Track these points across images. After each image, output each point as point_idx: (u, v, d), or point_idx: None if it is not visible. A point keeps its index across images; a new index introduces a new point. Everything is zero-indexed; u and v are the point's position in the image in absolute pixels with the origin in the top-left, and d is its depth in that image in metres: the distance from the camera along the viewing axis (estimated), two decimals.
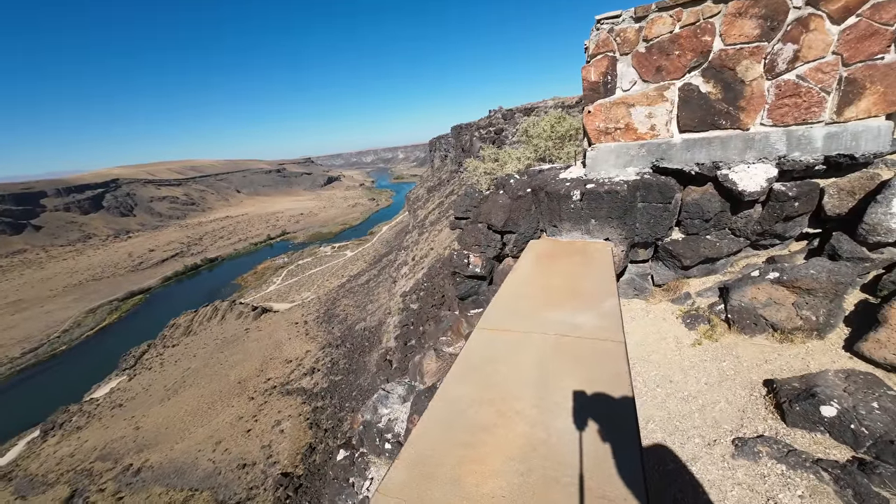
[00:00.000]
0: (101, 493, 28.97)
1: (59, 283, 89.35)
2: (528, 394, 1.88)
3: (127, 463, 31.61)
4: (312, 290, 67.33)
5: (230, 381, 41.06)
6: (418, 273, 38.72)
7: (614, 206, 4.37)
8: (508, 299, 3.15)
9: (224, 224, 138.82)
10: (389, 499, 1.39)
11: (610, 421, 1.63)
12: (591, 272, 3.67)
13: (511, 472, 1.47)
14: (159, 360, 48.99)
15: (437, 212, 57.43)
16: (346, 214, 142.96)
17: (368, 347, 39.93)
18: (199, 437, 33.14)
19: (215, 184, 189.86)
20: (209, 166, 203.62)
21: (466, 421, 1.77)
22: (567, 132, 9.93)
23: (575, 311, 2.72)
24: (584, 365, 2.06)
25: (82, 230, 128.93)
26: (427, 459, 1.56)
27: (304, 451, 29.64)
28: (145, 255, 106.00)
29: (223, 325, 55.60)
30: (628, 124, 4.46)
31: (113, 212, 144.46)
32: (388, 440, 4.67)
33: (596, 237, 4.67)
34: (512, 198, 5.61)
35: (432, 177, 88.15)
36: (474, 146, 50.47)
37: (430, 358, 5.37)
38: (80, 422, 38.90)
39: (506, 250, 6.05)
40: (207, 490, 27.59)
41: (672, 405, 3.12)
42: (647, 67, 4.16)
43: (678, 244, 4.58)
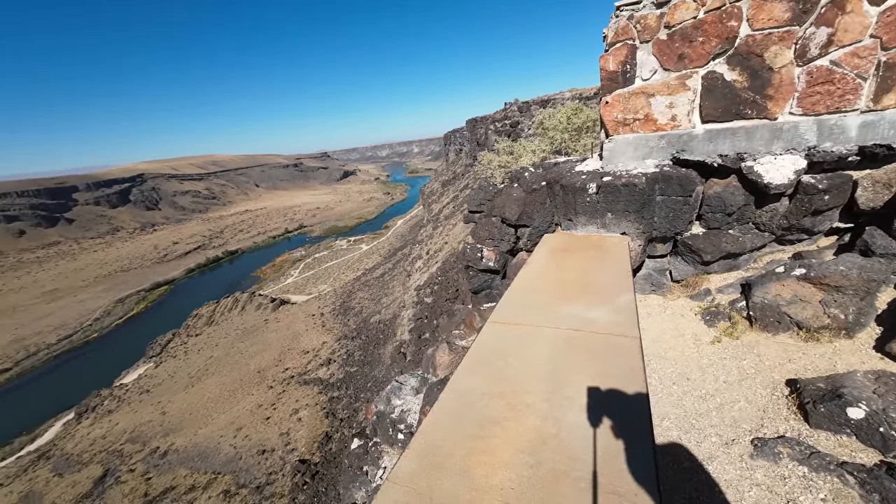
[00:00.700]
0: (130, 474, 30.51)
1: (91, 274, 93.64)
2: (538, 388, 1.88)
3: (154, 446, 33.14)
4: (329, 283, 68.51)
5: (250, 370, 42.36)
6: (432, 267, 38.86)
7: (632, 199, 4.27)
8: (521, 293, 3.13)
9: (244, 217, 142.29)
10: (399, 487, 1.41)
11: (623, 417, 1.60)
12: (606, 267, 3.60)
13: (520, 464, 1.47)
14: (183, 349, 50.92)
15: (451, 206, 57.34)
16: (362, 208, 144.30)
17: (383, 340, 40.47)
18: (221, 423, 34.41)
19: (235, 178, 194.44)
20: (229, 161, 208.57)
21: (476, 413, 1.78)
22: (584, 124, 9.72)
23: (589, 306, 2.68)
24: (596, 360, 2.04)
25: (111, 223, 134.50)
26: (437, 450, 1.58)
27: (320, 439, 30.42)
28: (170, 248, 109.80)
29: (243, 315, 57.27)
30: (648, 115, 4.33)
31: (139, 205, 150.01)
32: (400, 430, 4.74)
33: (612, 231, 4.58)
34: (526, 191, 5.54)
35: (447, 171, 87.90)
36: (489, 139, 49.97)
37: (443, 351, 5.40)
38: (111, 405, 40.93)
39: (519, 244, 6.00)
40: (229, 474, 28.69)
41: (689, 403, 3.06)
42: (668, 55, 4.02)
43: (698, 239, 4.45)
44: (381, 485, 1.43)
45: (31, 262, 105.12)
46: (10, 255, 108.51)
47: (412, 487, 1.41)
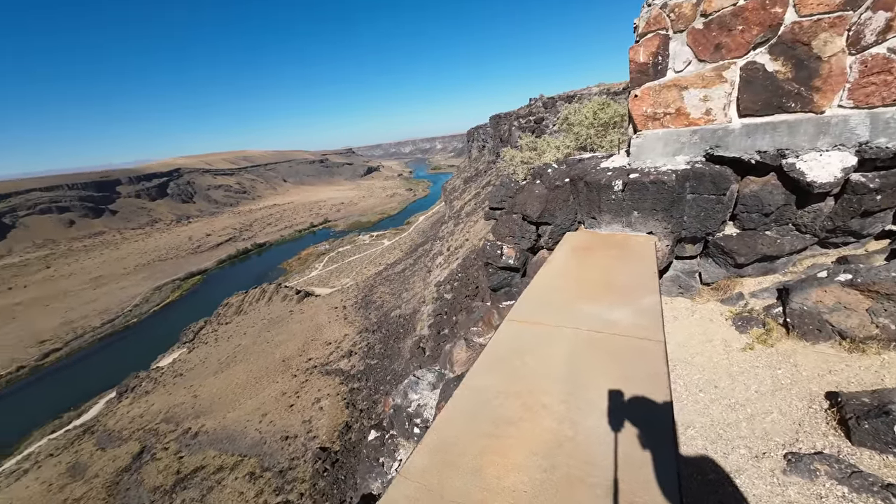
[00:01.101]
0: (165, 451, 32.38)
1: (132, 263, 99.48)
2: (556, 389, 1.83)
3: (186, 426, 35.01)
4: (351, 277, 69.89)
5: (275, 358, 43.92)
6: (453, 263, 38.90)
7: (660, 197, 4.09)
8: (541, 291, 3.07)
9: (272, 211, 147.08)
10: (410, 483, 1.41)
11: (644, 423, 1.54)
12: (630, 267, 3.48)
13: (534, 467, 1.44)
14: (214, 336, 53.38)
15: (473, 202, 57.09)
16: (385, 204, 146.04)
17: (403, 334, 40.95)
18: (248, 409, 35.91)
19: (264, 173, 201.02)
20: (259, 156, 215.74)
21: (491, 412, 1.75)
22: (611, 119, 9.40)
23: (611, 307, 2.60)
24: (618, 363, 1.97)
25: (150, 215, 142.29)
26: (450, 447, 1.57)
27: (340, 428, 31.23)
28: (203, 239, 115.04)
29: (270, 306, 59.36)
30: (679, 109, 4.13)
31: (176, 199, 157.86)
32: (416, 425, 4.78)
33: (638, 230, 4.41)
34: (549, 188, 5.43)
35: (469, 167, 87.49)
36: (513, 136, 49.29)
37: (461, 347, 5.39)
38: (147, 387, 43.50)
39: (540, 242, 5.90)
40: (255, 457, 29.96)
41: (716, 412, 2.91)
42: (704, 45, 3.81)
43: (732, 240, 4.22)
44: (393, 479, 1.43)
45: (80, 250, 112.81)
46: (61, 243, 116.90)
47: (423, 483, 1.41)
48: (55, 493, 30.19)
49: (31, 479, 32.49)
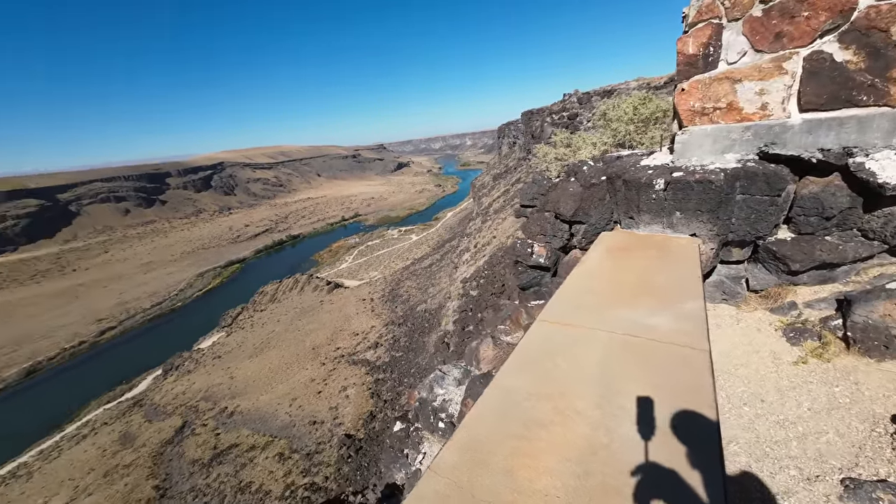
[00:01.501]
0: (203, 428, 34.58)
1: (178, 250, 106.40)
2: (589, 393, 1.77)
3: (223, 406, 37.18)
4: (379, 271, 71.27)
5: (306, 346, 45.66)
6: (479, 260, 38.70)
7: (706, 197, 3.86)
8: (573, 292, 2.98)
9: (306, 205, 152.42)
10: (440, 478, 1.42)
11: (687, 436, 1.46)
12: (670, 270, 3.30)
13: (567, 472, 1.40)
14: (250, 322, 56.21)
15: (501, 199, 56.42)
16: (413, 200, 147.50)
17: (428, 329, 41.33)
18: (279, 392, 37.62)
19: (300, 168, 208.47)
20: (295, 151, 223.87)
21: (521, 413, 1.72)
22: (652, 115, 8.95)
23: (649, 311, 2.48)
24: (656, 370, 1.87)
25: (195, 206, 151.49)
26: (479, 446, 1.56)
27: (365, 417, 32.07)
28: (242, 230, 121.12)
29: (301, 295, 61.70)
30: (731, 103, 3.86)
31: (218, 191, 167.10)
32: (441, 419, 4.82)
33: (680, 232, 4.19)
34: (584, 186, 5.26)
35: (499, 164, 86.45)
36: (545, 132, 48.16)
37: (488, 345, 5.36)
38: (189, 367, 46.53)
39: (573, 241, 5.74)
40: (284, 439, 31.39)
41: (762, 428, 2.73)
42: (762, 34, 3.53)
43: (786, 245, 3.91)
44: (423, 473, 1.44)
45: (133, 237, 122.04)
46: (117, 230, 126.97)
47: (453, 480, 1.41)
48: (108, 458, 33.05)
49: (88, 444, 35.73)
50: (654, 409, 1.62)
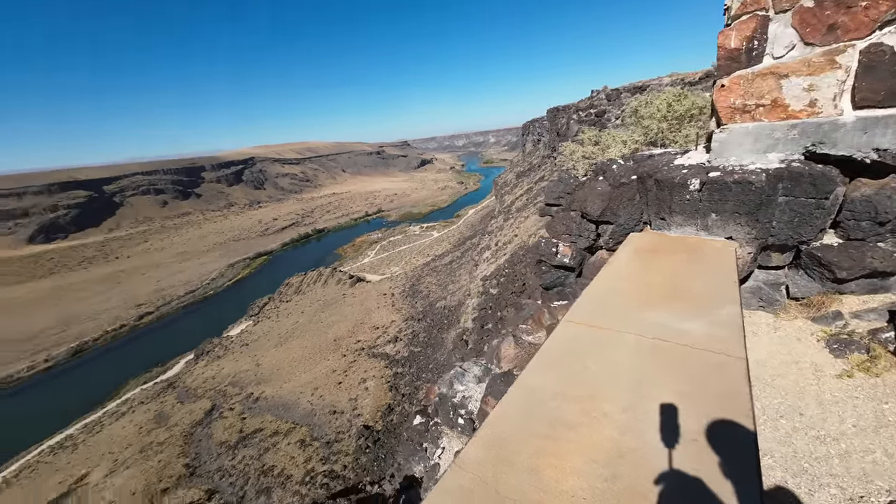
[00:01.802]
0: (231, 411, 36.17)
1: (211, 241, 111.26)
2: (618, 396, 1.74)
3: (249, 391, 38.74)
4: (400, 266, 72.03)
5: (328, 337, 46.82)
6: (500, 259, 38.42)
7: (745, 198, 3.68)
8: (601, 294, 2.92)
9: (331, 200, 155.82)
10: (465, 473, 1.43)
11: (721, 445, 1.41)
12: (704, 274, 3.18)
13: (594, 475, 1.38)
14: (276, 312, 58.16)
15: (524, 198, 55.69)
16: (436, 196, 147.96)
17: (447, 325, 41.49)
18: (302, 381, 38.81)
19: (326, 163, 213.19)
20: (322, 147, 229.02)
21: (547, 413, 1.72)
22: (687, 112, 8.56)
23: (681, 316, 2.40)
24: (688, 376, 1.82)
25: (227, 199, 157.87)
26: (504, 443, 1.56)
27: (383, 409, 32.62)
28: (270, 223, 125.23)
29: (325, 288, 63.24)
30: (776, 100, 3.66)
31: (249, 185, 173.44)
32: (461, 415, 4.85)
33: (715, 234, 4.02)
34: (613, 185, 5.13)
35: (522, 161, 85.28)
36: (571, 130, 47.04)
37: (509, 344, 5.34)
38: (219, 353, 48.69)
39: (600, 242, 5.62)
40: (306, 426, 32.38)
41: (800, 442, 2.59)
42: (813, 26, 3.32)
43: (832, 251, 3.69)
44: (448, 468, 1.46)
45: (170, 228, 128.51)
46: (156, 220, 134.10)
47: (478, 476, 1.42)
48: (144, 435, 35.15)
49: (126, 421, 38.12)
50: (686, 415, 1.58)
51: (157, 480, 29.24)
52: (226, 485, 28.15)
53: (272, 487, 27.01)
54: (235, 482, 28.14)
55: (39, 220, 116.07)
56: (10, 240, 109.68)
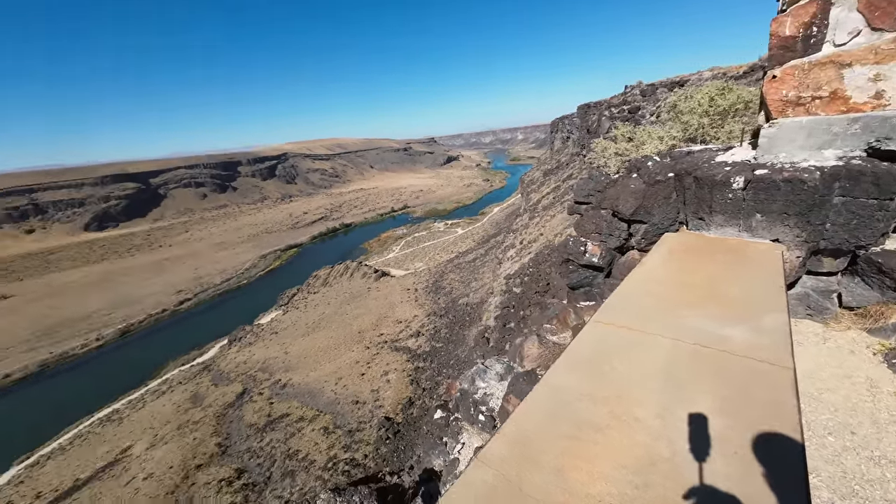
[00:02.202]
0: (260, 396, 37.83)
1: (245, 233, 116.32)
2: (650, 401, 1.66)
3: (277, 378, 40.34)
4: (424, 262, 72.57)
5: (352, 329, 47.95)
6: (524, 258, 37.91)
7: (795, 198, 3.42)
8: (632, 295, 2.81)
9: (358, 195, 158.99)
10: (488, 469, 1.41)
11: (765, 459, 1.31)
12: (746, 277, 2.99)
13: (623, 481, 1.33)
14: (304, 303, 60.13)
15: (551, 196, 54.59)
16: (461, 193, 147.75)
17: (468, 322, 41.46)
18: (327, 371, 39.99)
19: (354, 159, 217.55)
20: (351, 144, 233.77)
21: (573, 414, 1.66)
22: (732, 106, 8.08)
23: (721, 321, 2.26)
24: (728, 384, 1.71)
25: (261, 193, 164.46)
26: (529, 442, 1.53)
27: (404, 402, 33.08)
28: (300, 217, 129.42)
29: (351, 281, 64.72)
30: (836, 91, 3.37)
31: (281, 179, 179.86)
32: (482, 412, 4.83)
33: (759, 236, 3.77)
34: (648, 182, 4.92)
35: (550, 159, 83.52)
36: (602, 126, 45.53)
37: (533, 343, 5.26)
38: (250, 339, 50.95)
39: (631, 241, 5.42)
40: (329, 414, 33.39)
41: (850, 462, 2.40)
42: (884, 10, 3.03)
43: (895, 257, 3.37)
44: (471, 462, 1.45)
45: (209, 219, 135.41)
46: (196, 212, 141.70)
47: (501, 472, 1.40)
48: (181, 413, 37.41)
49: (166, 400, 40.69)
50: (724, 425, 1.48)
51: (192, 456, 31.09)
52: (254, 465, 29.54)
53: (296, 471, 28.08)
54: (262, 463, 29.46)
55: (94, 209, 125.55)
56: (69, 227, 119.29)
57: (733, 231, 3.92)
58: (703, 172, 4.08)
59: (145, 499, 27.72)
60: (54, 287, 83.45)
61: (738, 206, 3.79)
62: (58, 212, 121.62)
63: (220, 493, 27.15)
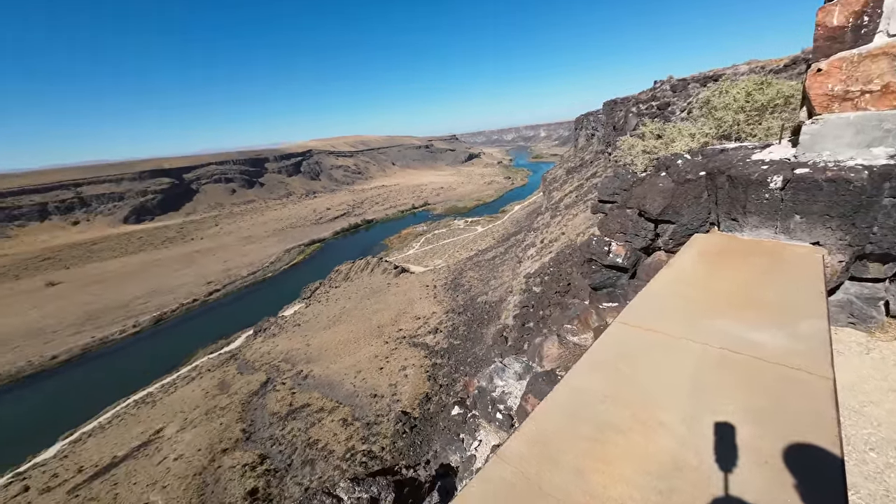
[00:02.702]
0: (283, 385, 39.07)
1: (271, 227, 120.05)
2: (676, 406, 1.61)
3: (299, 369, 41.54)
4: (443, 259, 72.77)
5: (372, 324, 48.72)
6: (545, 257, 37.38)
7: (840, 199, 3.23)
8: (658, 296, 2.73)
9: (380, 192, 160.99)
10: (507, 466, 1.41)
11: (800, 472, 1.25)
12: (783, 282, 2.85)
13: (647, 486, 1.30)
14: (325, 297, 61.56)
15: (574, 195, 53.50)
16: (482, 191, 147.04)
17: (487, 320, 41.33)
18: (346, 364, 40.85)
19: (377, 156, 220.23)
20: (374, 141, 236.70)
21: (594, 415, 1.64)
22: (771, 102, 7.68)
23: (753, 326, 2.17)
24: (761, 392, 1.64)
25: (286, 189, 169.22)
26: (548, 441, 1.52)
27: (421, 397, 33.40)
28: (323, 213, 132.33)
29: (371, 277, 65.72)
30: (888, 85, 3.15)
31: (306, 176, 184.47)
32: (500, 410, 4.82)
33: (798, 239, 3.58)
34: (677, 181, 4.76)
35: (574, 157, 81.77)
36: (629, 123, 44.14)
37: (553, 343, 5.19)
38: (274, 331, 52.64)
39: (658, 242, 5.26)
40: (348, 406, 34.13)
41: (894, 480, 2.25)
42: None
43: None
44: (490, 459, 1.45)
45: (237, 214, 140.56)
46: (226, 206, 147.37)
47: (521, 470, 1.39)
48: (209, 399, 39.15)
49: (195, 386, 42.66)
50: (756, 434, 1.42)
51: (219, 440, 32.50)
52: (276, 452, 30.58)
53: (316, 460, 28.89)
54: (284, 451, 30.47)
55: (132, 203, 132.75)
56: (110, 220, 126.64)
57: (769, 233, 3.73)
58: (738, 171, 3.91)
59: (175, 478, 29.22)
60: (96, 275, 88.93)
61: (776, 207, 3.61)
62: (100, 205, 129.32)
63: (244, 478, 28.28)
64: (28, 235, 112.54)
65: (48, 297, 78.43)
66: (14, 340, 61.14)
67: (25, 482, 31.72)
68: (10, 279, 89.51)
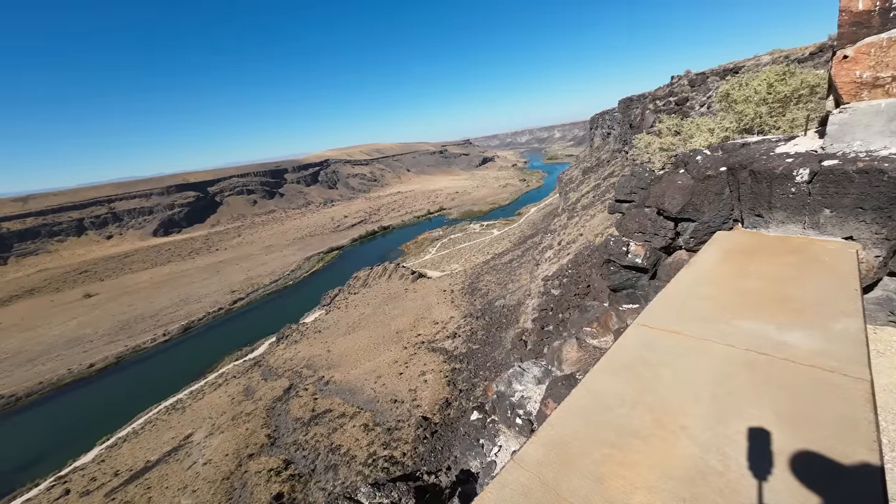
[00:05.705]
0: (305, 391, 39.73)
1: (291, 236, 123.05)
2: (698, 411, 1.56)
3: (321, 374, 42.17)
4: (460, 263, 72.73)
5: (391, 329, 49.05)
6: (563, 259, 36.81)
7: (872, 191, 3.07)
8: (680, 297, 2.65)
9: (396, 198, 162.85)
10: (525, 471, 1.40)
11: (834, 479, 1.19)
12: (814, 279, 2.72)
13: (670, 492, 1.26)
14: (345, 303, 62.43)
15: (591, 195, 52.60)
16: (497, 194, 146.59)
17: (505, 324, 40.95)
18: (366, 369, 41.21)
19: (392, 163, 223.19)
20: (389, 148, 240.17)
21: (614, 420, 1.60)
22: (795, 92, 7.38)
23: (782, 326, 2.08)
24: (792, 396, 1.56)
25: (305, 198, 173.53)
26: (566, 446, 1.50)
27: (441, 402, 33.30)
28: (341, 220, 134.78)
29: (389, 282, 66.29)
30: None
31: (324, 185, 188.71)
32: (519, 415, 4.76)
33: (828, 234, 3.41)
34: (697, 178, 4.63)
35: (590, 157, 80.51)
36: (646, 121, 43.16)
37: (572, 346, 5.10)
38: (296, 337, 53.68)
39: (678, 241, 5.12)
40: (369, 411, 34.37)
41: None
42: None
43: None
44: (507, 464, 1.44)
45: (258, 224, 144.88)
46: (247, 217, 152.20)
47: (538, 475, 1.38)
48: (235, 405, 40.20)
49: (222, 392, 43.91)
50: (786, 439, 1.36)
51: (245, 446, 33.29)
52: (300, 457, 31.06)
53: (338, 465, 29.17)
54: (307, 456, 30.91)
55: (161, 216, 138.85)
56: (140, 233, 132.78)
57: (797, 229, 3.58)
58: (761, 165, 3.77)
59: (204, 483, 30.07)
60: (129, 287, 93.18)
61: (803, 202, 3.46)
62: (131, 219, 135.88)
63: (270, 482, 28.83)
64: (67, 250, 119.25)
65: (86, 307, 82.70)
66: (56, 349, 64.66)
67: (66, 485, 33.30)
68: (52, 291, 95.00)
